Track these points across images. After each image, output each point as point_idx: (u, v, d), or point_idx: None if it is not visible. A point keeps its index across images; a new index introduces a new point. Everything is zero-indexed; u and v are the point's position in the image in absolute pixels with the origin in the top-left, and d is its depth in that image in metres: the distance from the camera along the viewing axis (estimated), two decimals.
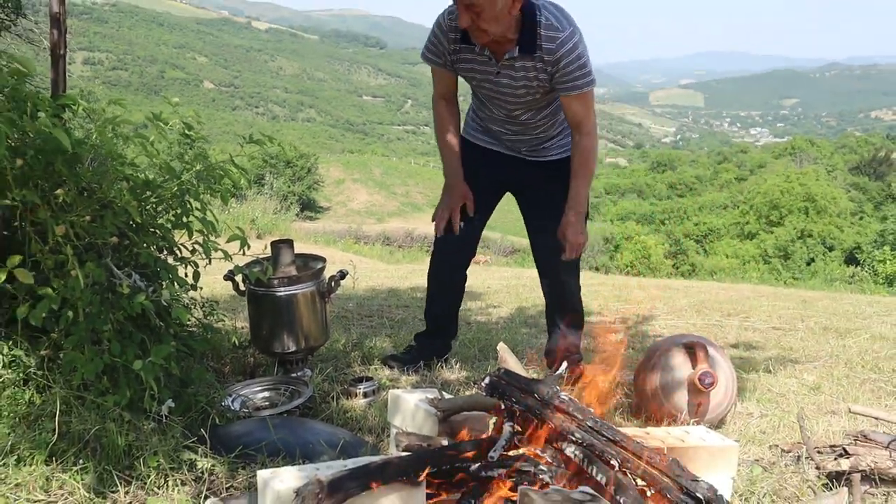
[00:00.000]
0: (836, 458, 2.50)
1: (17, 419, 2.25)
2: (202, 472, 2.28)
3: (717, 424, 2.99)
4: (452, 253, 3.57)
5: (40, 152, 2.32)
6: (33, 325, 2.32)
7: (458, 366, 3.60)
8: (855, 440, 2.65)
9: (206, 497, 2.14)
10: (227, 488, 2.26)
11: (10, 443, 2.17)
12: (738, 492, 2.35)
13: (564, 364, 2.09)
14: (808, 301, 7.48)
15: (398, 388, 3.11)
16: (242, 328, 3.84)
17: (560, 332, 3.59)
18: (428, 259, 3.77)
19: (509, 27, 2.97)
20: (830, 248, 44.23)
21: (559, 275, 3.51)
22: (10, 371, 2.37)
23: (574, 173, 3.23)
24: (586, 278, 9.80)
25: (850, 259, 40.41)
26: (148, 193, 2.77)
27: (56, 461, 2.18)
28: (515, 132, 3.34)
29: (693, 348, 2.96)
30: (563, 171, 3.28)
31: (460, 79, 3.32)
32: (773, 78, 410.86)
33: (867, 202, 59.22)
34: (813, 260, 42.23)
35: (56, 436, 2.20)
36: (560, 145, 3.39)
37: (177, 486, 2.19)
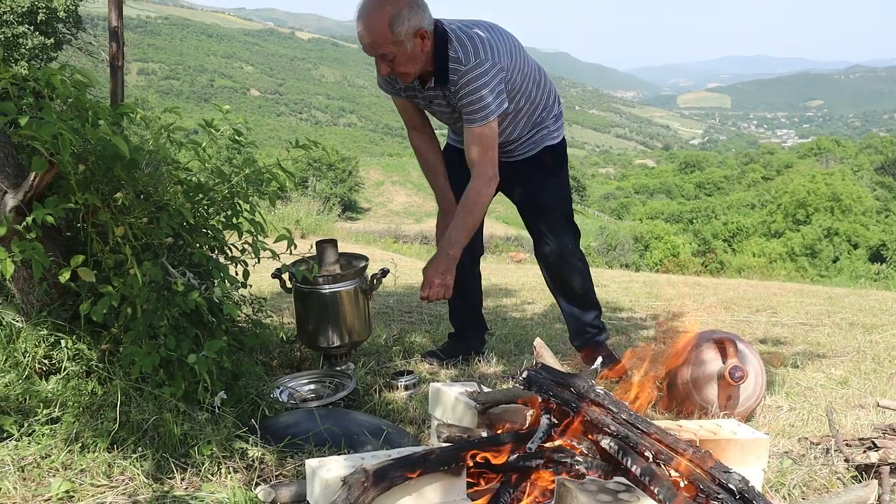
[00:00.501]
0: (864, 451, 2.46)
1: (81, 409, 2.29)
2: (253, 461, 2.30)
3: (747, 418, 2.95)
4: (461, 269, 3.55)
5: (101, 158, 2.35)
6: (95, 320, 2.36)
7: (494, 360, 3.59)
8: (884, 433, 2.61)
9: (257, 484, 2.16)
10: (277, 476, 2.28)
11: (75, 431, 2.21)
12: (769, 483, 2.32)
13: (599, 359, 2.08)
14: (835, 297, 7.36)
15: (438, 381, 3.11)
16: (289, 324, 3.86)
17: (569, 315, 3.55)
18: None
19: (426, 63, 2.98)
20: (856, 246, 43.53)
21: (553, 249, 3.42)
22: (73, 364, 2.41)
23: (455, 214, 3.16)
24: (617, 275, 9.74)
25: (876, 256, 39.77)
26: (200, 196, 2.80)
27: (117, 449, 2.21)
28: None
29: (723, 343, 2.93)
30: (537, 164, 3.32)
31: None
32: (798, 80, 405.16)
33: (893, 200, 58.14)
34: (839, 258, 41.62)
35: (117, 425, 2.23)
36: (526, 145, 3.34)
37: (229, 473, 2.21)
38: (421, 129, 3.38)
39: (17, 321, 2.47)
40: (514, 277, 8.01)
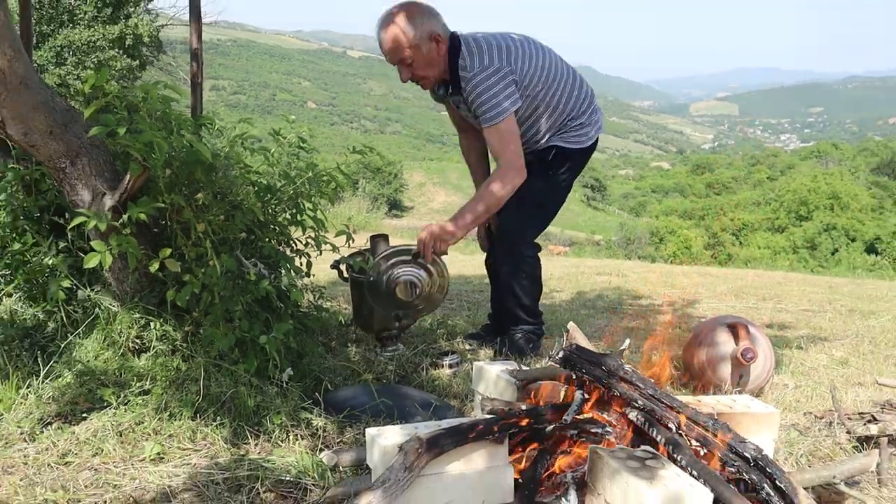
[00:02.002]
0: (865, 424, 2.41)
1: (168, 382, 2.33)
2: (317, 429, 2.32)
3: (757, 394, 2.92)
4: (488, 254, 3.51)
5: (184, 164, 2.39)
6: (179, 305, 2.40)
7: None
8: (882, 408, 2.56)
9: (321, 450, 2.18)
10: (338, 443, 2.29)
11: (164, 401, 2.25)
12: (778, 452, 2.29)
13: (627, 340, 2.06)
14: (835, 286, 7.22)
15: (479, 360, 3.11)
16: (346, 309, 3.89)
17: (506, 305, 3.40)
18: None
19: (444, 69, 2.95)
20: (853, 240, 42.60)
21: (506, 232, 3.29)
22: (161, 343, 2.45)
23: (473, 197, 3.10)
24: (635, 266, 9.65)
25: (871, 249, 38.91)
26: (269, 196, 2.83)
27: (200, 417, 2.24)
28: None
29: (735, 327, 2.89)
30: (533, 160, 3.16)
31: None
32: (800, 89, 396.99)
33: (887, 198, 56.78)
34: (837, 250, 40.77)
35: (200, 397, 2.27)
36: (539, 144, 3.23)
37: (297, 440, 2.24)
38: (463, 131, 3.37)
39: (114, 306, 2.52)
40: (543, 268, 7.97)
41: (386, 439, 1.73)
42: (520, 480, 1.79)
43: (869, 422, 2.44)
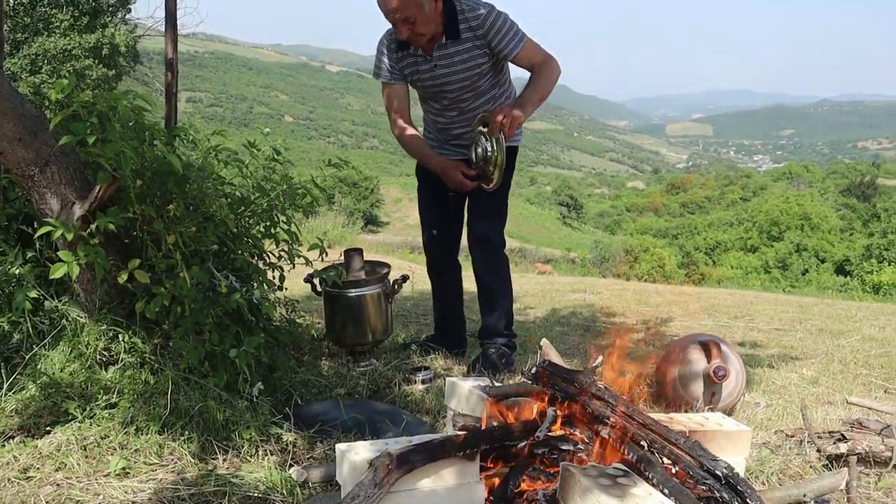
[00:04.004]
0: (835, 443, 2.43)
1: (136, 395, 2.29)
2: (287, 445, 2.29)
3: (729, 412, 2.93)
4: (436, 258, 3.59)
5: (156, 174, 2.36)
6: (149, 317, 2.37)
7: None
8: (851, 427, 2.58)
9: (291, 465, 2.15)
10: (308, 458, 2.27)
11: (130, 415, 2.21)
12: (749, 471, 2.29)
13: (600, 357, 2.06)
14: (805, 306, 7.30)
15: (453, 376, 3.09)
16: (319, 324, 3.86)
17: (484, 315, 3.46)
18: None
19: (438, 23, 3.01)
20: (823, 261, 43.25)
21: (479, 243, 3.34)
22: (129, 355, 2.41)
23: (532, 83, 3.13)
24: (610, 284, 9.69)
25: (840, 270, 39.51)
26: (243, 208, 2.80)
27: (167, 432, 2.21)
28: (461, 122, 3.28)
29: (708, 345, 2.91)
30: None
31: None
32: (773, 112, 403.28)
33: (856, 220, 57.77)
34: (808, 270, 41.35)
35: (167, 410, 2.23)
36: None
37: (266, 455, 2.21)
38: (405, 115, 3.35)
39: (81, 317, 2.48)
40: (517, 285, 7.98)
41: (356, 455, 1.70)
42: (491, 498, 1.78)
43: (839, 440, 2.46)
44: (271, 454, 2.22)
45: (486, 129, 3.08)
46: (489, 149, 3.04)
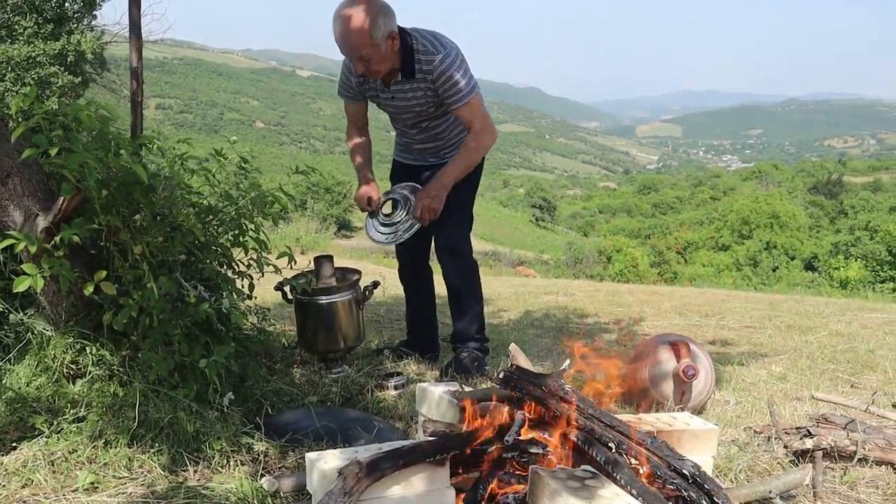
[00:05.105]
0: (801, 439, 2.47)
1: (104, 409, 2.26)
2: (258, 454, 2.28)
3: (699, 411, 2.96)
4: (406, 263, 3.63)
5: (122, 184, 2.34)
6: (116, 329, 2.35)
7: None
8: (817, 422, 2.63)
9: (262, 475, 2.14)
10: (279, 468, 2.26)
11: (98, 429, 2.19)
12: (717, 468, 2.32)
13: (567, 361, 2.07)
14: (775, 303, 7.40)
15: (425, 381, 3.10)
16: (290, 331, 3.84)
17: (455, 320, 3.49)
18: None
19: (394, 61, 3.03)
20: (792, 258, 43.88)
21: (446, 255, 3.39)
22: (97, 368, 2.39)
23: (454, 156, 3.22)
24: (583, 285, 9.75)
25: (809, 266, 40.12)
26: (210, 217, 2.78)
27: (137, 444, 2.19)
28: (421, 140, 3.37)
29: (677, 345, 2.94)
30: None
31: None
32: (741, 112, 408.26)
33: (823, 217, 58.73)
34: (777, 267, 41.91)
35: (136, 423, 2.21)
36: (451, 149, 3.37)
37: (237, 465, 2.19)
38: (362, 127, 3.44)
39: (47, 330, 2.44)
40: (491, 288, 8.01)
41: (325, 463, 1.70)
42: (462, 503, 1.78)
43: (805, 436, 2.50)
44: (242, 464, 2.21)
45: (412, 197, 3.23)
46: (404, 221, 3.23)
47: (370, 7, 2.88)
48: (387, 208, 3.35)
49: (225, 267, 2.88)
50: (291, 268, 3.04)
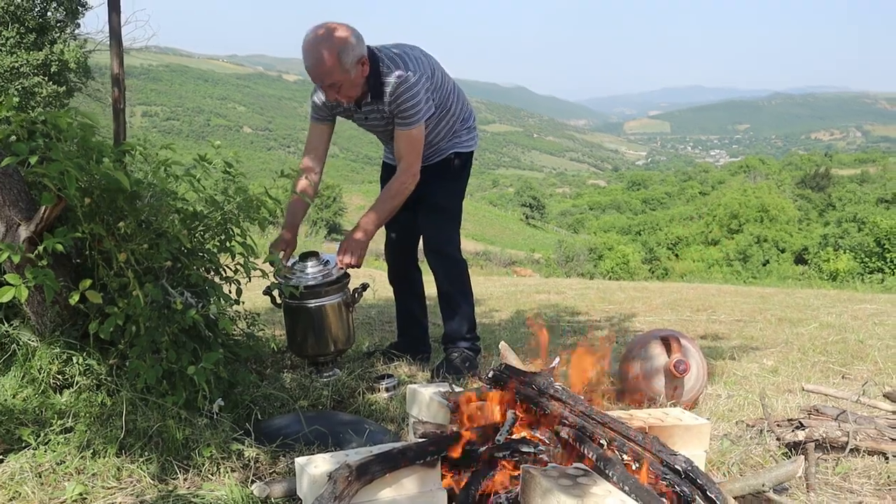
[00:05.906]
0: (793, 430, 2.48)
1: (92, 419, 2.24)
2: (249, 461, 2.26)
3: (692, 405, 2.96)
4: (396, 265, 3.64)
5: (105, 191, 2.32)
6: (103, 338, 2.32)
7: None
8: (809, 414, 2.63)
9: (253, 482, 2.13)
10: (270, 473, 2.24)
11: (86, 439, 2.17)
12: (711, 463, 2.32)
13: (557, 359, 2.07)
14: (766, 296, 7.43)
15: (416, 383, 3.09)
16: (280, 336, 3.82)
17: (445, 321, 3.50)
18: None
19: (363, 84, 3.02)
20: (782, 251, 44.10)
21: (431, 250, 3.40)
22: (84, 378, 2.37)
23: (379, 199, 3.22)
24: (574, 283, 9.76)
25: (799, 259, 40.34)
26: (196, 223, 2.76)
27: (125, 454, 2.17)
28: None
29: (668, 340, 2.94)
30: (441, 167, 3.36)
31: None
32: (728, 107, 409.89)
33: (811, 210, 59.03)
34: (768, 261, 42.12)
35: (124, 432, 2.19)
36: (438, 152, 3.37)
37: (227, 472, 2.18)
38: (318, 159, 3.37)
39: (33, 341, 2.42)
40: (483, 288, 8.01)
41: (315, 468, 1.69)
42: (453, 503, 1.77)
43: (797, 428, 2.50)
44: (233, 471, 2.19)
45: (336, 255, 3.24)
46: (333, 268, 3.23)
47: (339, 34, 2.87)
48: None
49: (212, 273, 2.86)
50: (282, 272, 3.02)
